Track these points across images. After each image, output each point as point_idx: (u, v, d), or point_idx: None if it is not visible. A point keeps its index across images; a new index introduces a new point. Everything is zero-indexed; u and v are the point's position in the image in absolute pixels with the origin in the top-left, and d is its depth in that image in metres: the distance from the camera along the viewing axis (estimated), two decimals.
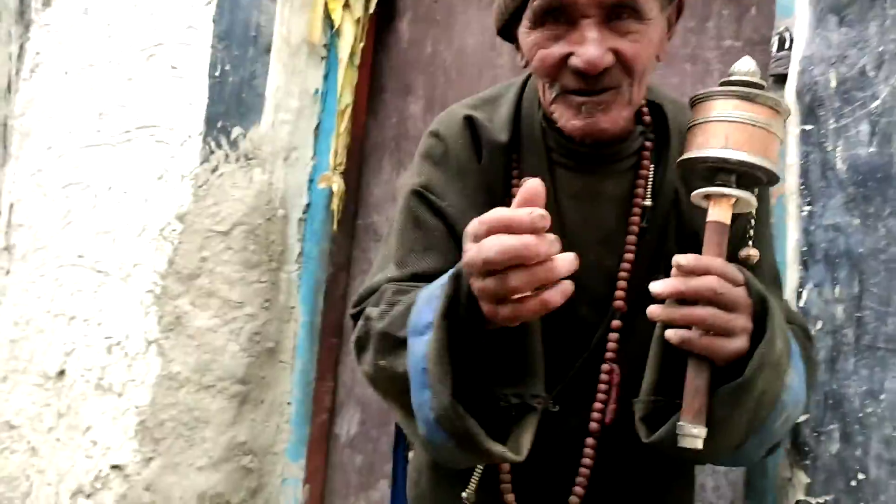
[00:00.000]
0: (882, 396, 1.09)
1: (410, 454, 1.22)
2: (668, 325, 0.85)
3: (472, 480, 0.98)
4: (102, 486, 1.96)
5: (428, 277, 0.93)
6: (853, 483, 1.11)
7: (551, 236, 0.71)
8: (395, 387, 0.89)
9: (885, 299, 1.10)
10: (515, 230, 0.70)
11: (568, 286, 0.73)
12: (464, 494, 0.98)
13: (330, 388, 2.01)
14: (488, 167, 1.01)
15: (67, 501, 2.01)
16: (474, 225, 0.74)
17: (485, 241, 0.72)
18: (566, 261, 0.72)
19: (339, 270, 2.03)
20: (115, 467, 1.94)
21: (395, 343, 0.88)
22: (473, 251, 0.73)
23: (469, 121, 1.02)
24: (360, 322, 0.98)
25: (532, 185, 0.73)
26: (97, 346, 2.05)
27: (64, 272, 2.16)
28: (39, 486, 2.08)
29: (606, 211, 1.00)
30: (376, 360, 0.92)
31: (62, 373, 2.10)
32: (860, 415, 1.10)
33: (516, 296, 0.72)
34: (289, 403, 1.99)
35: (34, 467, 2.11)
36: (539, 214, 0.70)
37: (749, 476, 1.38)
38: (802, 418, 1.16)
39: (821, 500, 1.12)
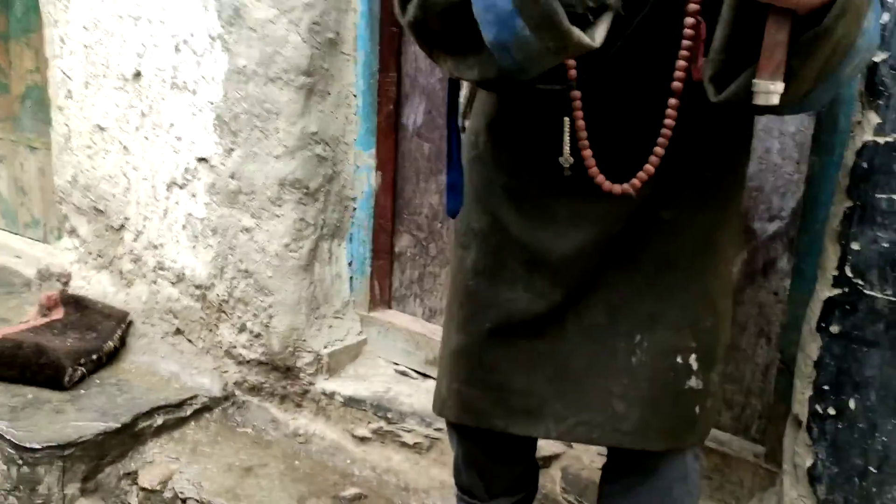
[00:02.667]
0: None
1: (466, 122, 1.24)
2: None
3: (565, 144, 0.99)
4: (192, 177, 2.11)
5: None
6: None
7: None
8: (447, 15, 0.87)
9: None
10: None
11: None
12: (560, 159, 1.00)
13: (394, 80, 2.02)
14: None
15: (164, 193, 2.19)
16: None
17: None
18: None
19: None
20: (201, 160, 2.08)
21: None
22: None
23: None
24: None
25: None
26: (165, 46, 2.08)
27: None
28: (136, 182, 2.26)
29: None
30: None
31: (138, 74, 2.17)
32: None
33: None
34: (354, 95, 2.01)
35: (129, 164, 2.27)
36: None
37: (818, 131, 1.36)
38: (880, 57, 1.10)
39: (890, 139, 1.09)
